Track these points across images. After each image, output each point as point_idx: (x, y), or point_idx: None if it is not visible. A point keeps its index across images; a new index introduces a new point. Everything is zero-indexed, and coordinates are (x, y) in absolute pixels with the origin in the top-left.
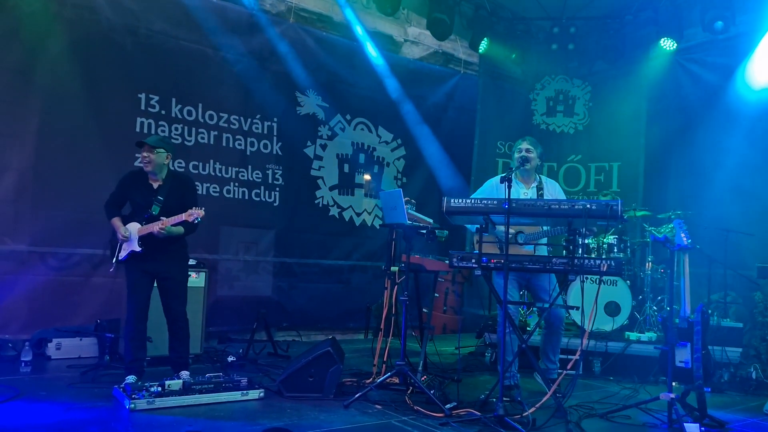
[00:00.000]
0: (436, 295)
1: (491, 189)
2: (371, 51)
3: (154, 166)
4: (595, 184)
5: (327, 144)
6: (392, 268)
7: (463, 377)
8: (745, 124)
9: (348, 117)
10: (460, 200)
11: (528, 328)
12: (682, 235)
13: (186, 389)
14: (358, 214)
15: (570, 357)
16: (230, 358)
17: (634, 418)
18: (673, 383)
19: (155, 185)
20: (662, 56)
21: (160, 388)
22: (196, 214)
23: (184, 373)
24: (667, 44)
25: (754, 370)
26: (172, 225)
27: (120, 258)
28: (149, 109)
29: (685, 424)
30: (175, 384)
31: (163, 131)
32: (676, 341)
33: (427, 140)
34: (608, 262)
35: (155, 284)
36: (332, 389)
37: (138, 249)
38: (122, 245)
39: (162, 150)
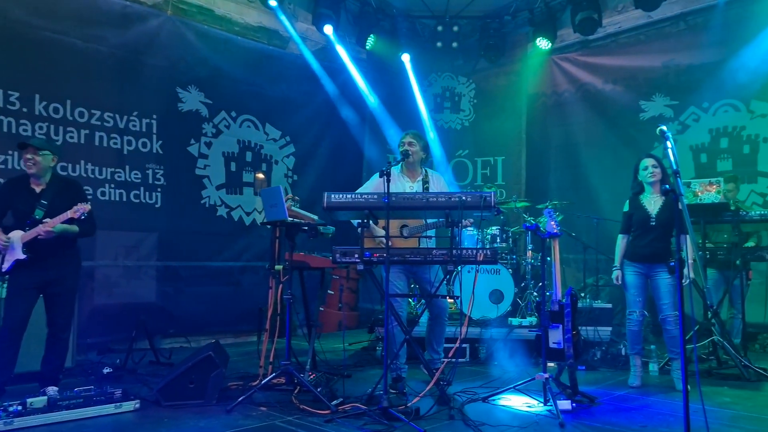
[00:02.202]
0: (330, 292)
1: (376, 184)
2: (257, 46)
3: (38, 169)
4: (482, 177)
5: (212, 142)
6: (276, 267)
7: (353, 372)
8: (614, 120)
9: (233, 114)
10: (341, 195)
11: (418, 320)
12: (552, 223)
13: (51, 406)
14: (248, 214)
15: (461, 345)
16: (106, 370)
17: (513, 400)
18: (550, 363)
19: (38, 189)
20: (539, 55)
21: (20, 407)
22: (81, 209)
23: (51, 389)
24: (543, 44)
25: (623, 346)
26: (60, 224)
27: (4, 269)
28: (8, 106)
29: (558, 401)
30: (38, 401)
31: (25, 131)
32: (549, 324)
33: (319, 137)
34: (485, 251)
35: (42, 296)
36: (215, 394)
37: (23, 256)
38: (5, 255)
39: (48, 152)
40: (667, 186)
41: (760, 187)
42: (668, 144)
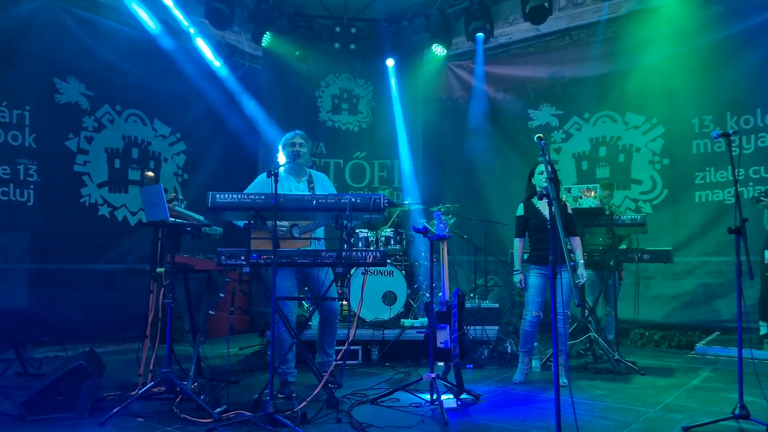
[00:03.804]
0: (222, 295)
1: (263, 184)
2: (146, 37)
3: None
4: (379, 180)
5: (93, 137)
6: (158, 270)
7: (242, 378)
8: (505, 127)
9: (118, 108)
10: (227, 195)
11: (310, 323)
12: (441, 225)
13: None
14: (134, 214)
15: (353, 348)
16: None
17: (402, 400)
18: (440, 363)
19: None
20: (435, 61)
21: None
22: None
23: None
24: (438, 50)
25: (509, 344)
26: None
27: None
28: None
29: (443, 399)
30: None
31: None
32: (436, 324)
33: (212, 135)
34: (374, 253)
35: None
36: (87, 406)
37: None
38: None
39: None
40: (543, 191)
41: (633, 194)
42: (542, 152)
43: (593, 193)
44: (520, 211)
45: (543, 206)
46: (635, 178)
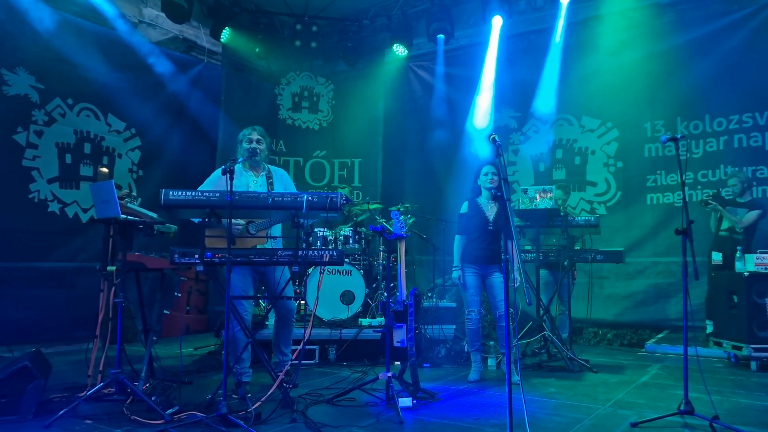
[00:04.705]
0: (177, 294)
1: (218, 181)
2: (101, 30)
3: None
4: (339, 179)
5: (43, 131)
6: (108, 268)
7: (196, 379)
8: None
9: (70, 101)
10: (180, 193)
11: (267, 323)
12: (399, 225)
13: None
14: (85, 210)
15: (310, 347)
16: None
17: (358, 399)
18: (397, 362)
19: None
20: (396, 61)
21: None
22: None
23: None
24: (400, 50)
25: (466, 343)
26: None
27: None
28: None
29: (399, 398)
30: None
31: None
32: (393, 323)
33: (168, 130)
34: (330, 252)
35: None
36: (31, 409)
37: None
38: None
39: None
40: (498, 192)
41: (588, 195)
42: (497, 152)
43: (549, 194)
44: (464, 209)
45: (486, 207)
46: (590, 180)
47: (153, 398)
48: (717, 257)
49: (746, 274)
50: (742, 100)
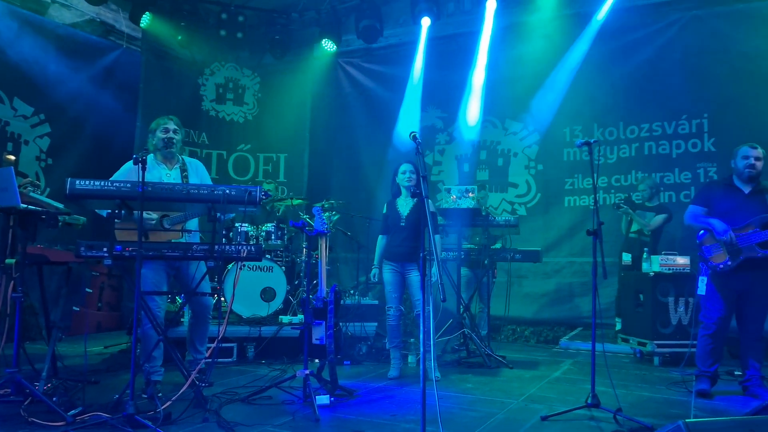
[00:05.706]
0: (89, 290)
1: (130, 172)
2: (6, 8)
3: None
4: (264, 173)
5: None
6: (7, 261)
7: (105, 378)
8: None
9: None
10: (88, 182)
11: (182, 320)
12: (321, 221)
13: None
14: None
15: (228, 345)
16: None
17: (275, 398)
18: (316, 360)
19: None
20: (325, 56)
21: None
22: None
23: None
24: (329, 46)
25: (387, 340)
26: None
27: None
28: None
29: (316, 396)
30: None
31: None
32: (312, 320)
33: (82, 118)
34: (248, 248)
35: None
36: None
37: None
38: None
39: None
40: (416, 189)
41: (510, 196)
42: (417, 150)
43: (471, 194)
44: (385, 209)
45: (401, 204)
46: (512, 181)
47: (54, 399)
48: (627, 258)
49: (652, 274)
50: (653, 110)
